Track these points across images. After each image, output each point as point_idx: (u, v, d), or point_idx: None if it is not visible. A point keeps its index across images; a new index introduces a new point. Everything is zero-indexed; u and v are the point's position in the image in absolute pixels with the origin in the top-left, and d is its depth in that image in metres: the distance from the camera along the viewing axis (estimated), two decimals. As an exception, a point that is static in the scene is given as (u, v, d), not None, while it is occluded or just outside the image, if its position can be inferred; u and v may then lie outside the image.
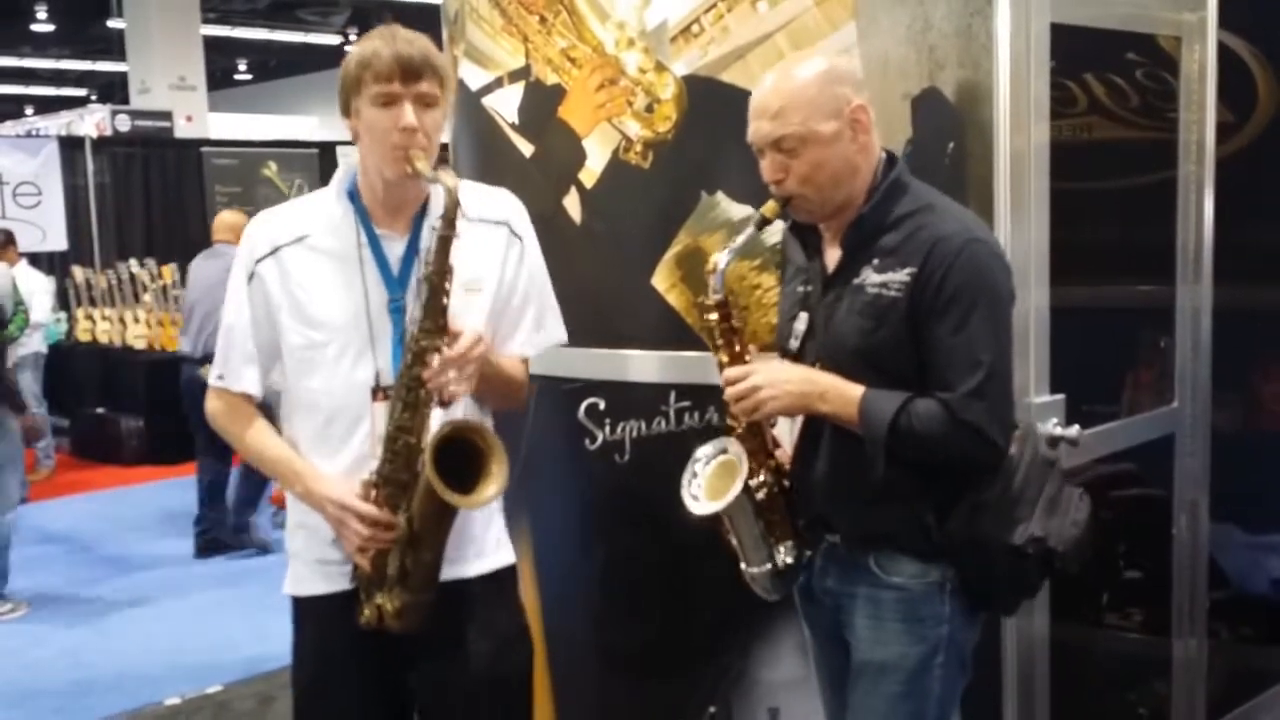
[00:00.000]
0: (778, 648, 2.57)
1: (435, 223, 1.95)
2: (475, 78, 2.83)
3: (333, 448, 2.05)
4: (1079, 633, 3.08)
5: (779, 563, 2.07)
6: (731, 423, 2.07)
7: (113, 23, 15.04)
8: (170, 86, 13.67)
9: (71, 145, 11.95)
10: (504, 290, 2.11)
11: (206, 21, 14.85)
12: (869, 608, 2.04)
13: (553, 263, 2.22)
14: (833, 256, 2.04)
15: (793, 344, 2.07)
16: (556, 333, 2.22)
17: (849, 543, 2.06)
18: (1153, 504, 3.03)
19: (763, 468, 2.06)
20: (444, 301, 1.94)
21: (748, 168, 2.09)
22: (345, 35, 16.85)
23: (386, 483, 1.98)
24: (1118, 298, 3.07)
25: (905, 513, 1.97)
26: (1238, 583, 3.53)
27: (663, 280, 2.57)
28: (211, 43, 15.40)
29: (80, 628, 5.33)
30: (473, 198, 2.11)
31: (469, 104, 2.85)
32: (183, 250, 11.15)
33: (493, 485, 1.97)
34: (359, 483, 2.00)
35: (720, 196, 2.50)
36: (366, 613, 2.02)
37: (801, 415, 2.06)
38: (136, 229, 12.16)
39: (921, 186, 2.03)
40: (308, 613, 2.14)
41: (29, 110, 21.16)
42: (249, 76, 22.40)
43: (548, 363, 2.28)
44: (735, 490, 2.00)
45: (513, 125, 2.77)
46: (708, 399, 2.47)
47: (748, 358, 2.05)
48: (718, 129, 2.48)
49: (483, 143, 2.85)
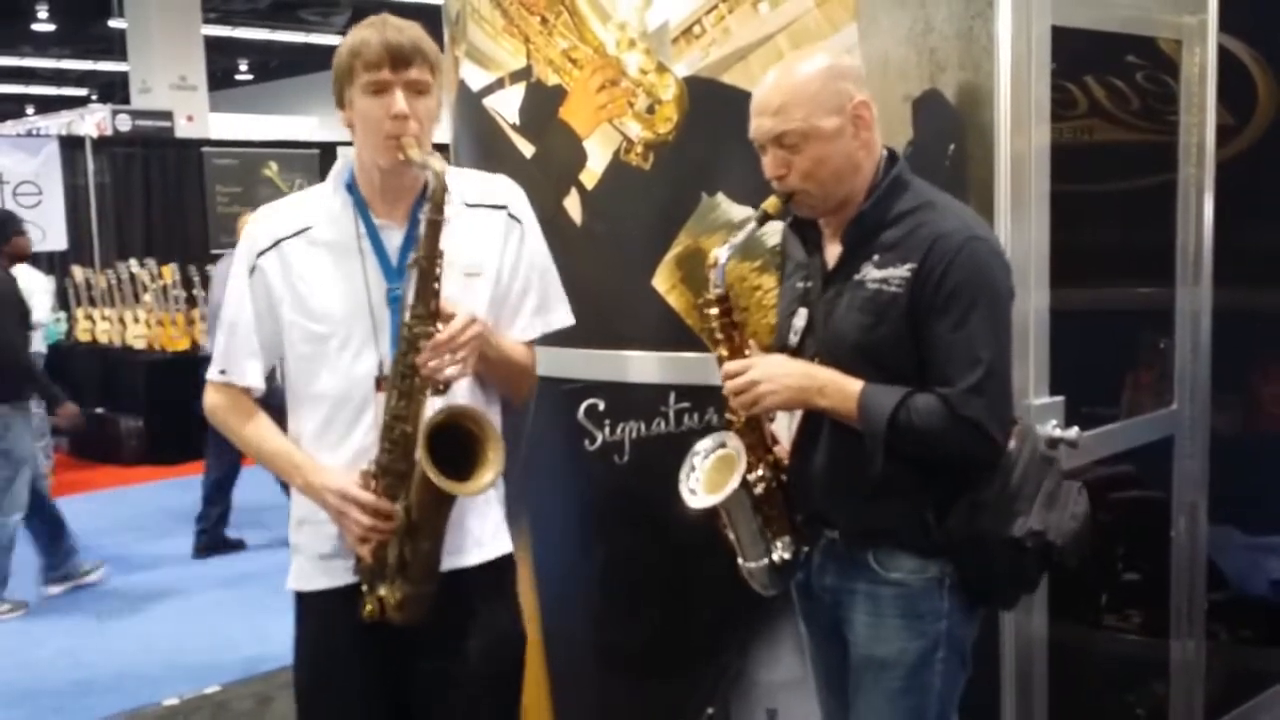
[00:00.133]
0: (776, 649, 2.58)
1: (425, 207, 1.95)
2: (476, 78, 2.83)
3: (338, 439, 2.05)
4: (1078, 634, 3.09)
5: (776, 558, 2.07)
6: (730, 417, 2.07)
7: (113, 22, 15.04)
8: (171, 86, 13.68)
9: (72, 145, 11.96)
10: (504, 274, 2.11)
11: (207, 21, 14.85)
12: (868, 604, 2.04)
13: (553, 261, 2.21)
14: (833, 252, 2.04)
15: (792, 339, 2.07)
16: (562, 316, 2.20)
17: (848, 539, 2.06)
18: (1152, 506, 3.03)
19: (761, 462, 2.06)
20: (435, 287, 1.93)
21: (748, 169, 2.09)
22: (346, 35, 16.85)
23: (385, 472, 1.98)
24: (1117, 300, 3.07)
25: (904, 508, 1.97)
26: (1236, 584, 3.54)
27: (663, 281, 2.57)
28: (212, 43, 15.41)
29: (79, 628, 5.33)
30: (470, 183, 2.11)
31: (470, 105, 2.85)
32: (183, 250, 11.21)
33: (489, 471, 1.96)
34: (359, 473, 2.00)
35: (721, 198, 2.50)
36: (369, 606, 2.02)
37: (800, 410, 2.07)
38: (136, 229, 12.16)
39: (922, 184, 2.03)
40: (310, 608, 2.14)
41: (29, 110, 21.18)
42: (250, 76, 22.41)
43: (547, 363, 2.28)
44: (733, 484, 2.00)
45: (514, 126, 2.77)
46: (707, 400, 2.48)
47: (747, 352, 2.05)
48: (719, 130, 2.49)
49: (484, 143, 2.85)
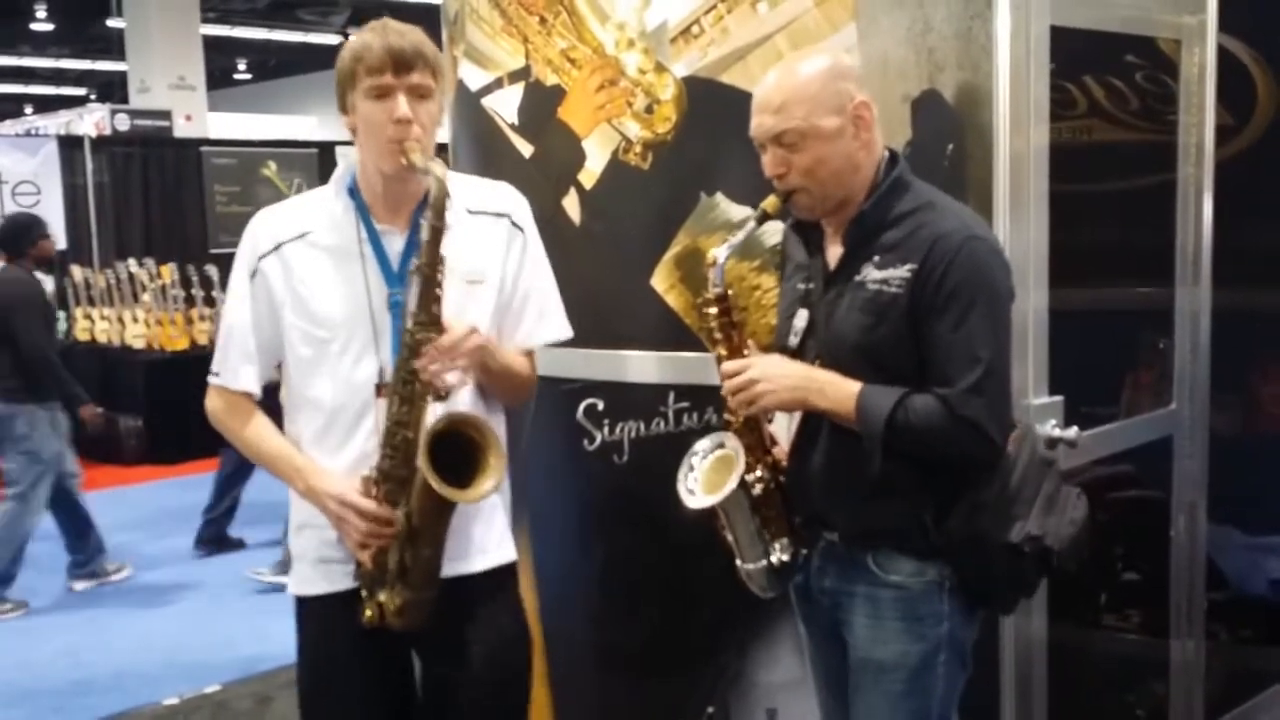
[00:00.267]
0: (776, 649, 2.58)
1: (426, 214, 1.95)
2: (475, 78, 2.83)
3: (338, 444, 2.05)
4: (1077, 634, 3.08)
5: (774, 560, 2.07)
6: (729, 417, 2.07)
7: (112, 22, 15.04)
8: (170, 86, 13.66)
9: (70, 144, 11.94)
10: (507, 283, 2.11)
11: (206, 21, 14.85)
12: (868, 606, 2.04)
13: (552, 263, 2.21)
14: (834, 253, 2.04)
15: (792, 341, 2.07)
16: (560, 327, 2.20)
17: (847, 540, 2.06)
18: (1151, 505, 3.03)
19: (759, 463, 2.06)
20: (436, 293, 1.93)
21: (747, 169, 2.09)
22: (345, 35, 16.84)
23: (386, 478, 1.98)
24: (1117, 300, 3.06)
25: (903, 510, 1.97)
26: (1236, 584, 3.54)
27: (662, 281, 2.57)
28: (211, 42, 15.40)
29: (79, 627, 5.33)
30: (473, 191, 2.11)
31: (469, 104, 2.85)
32: (182, 250, 11.18)
33: (489, 479, 1.96)
34: (359, 479, 2.00)
35: (720, 197, 2.50)
36: (369, 611, 2.02)
37: (799, 411, 2.06)
38: (135, 228, 12.14)
39: (923, 185, 2.03)
40: (311, 612, 2.14)
41: (28, 109, 21.18)
42: (248, 76, 22.41)
43: (547, 363, 2.28)
44: (731, 484, 1.99)
45: (512, 126, 2.77)
46: (706, 400, 2.47)
47: (746, 352, 2.05)
48: (717, 130, 2.49)
49: (482, 143, 2.84)
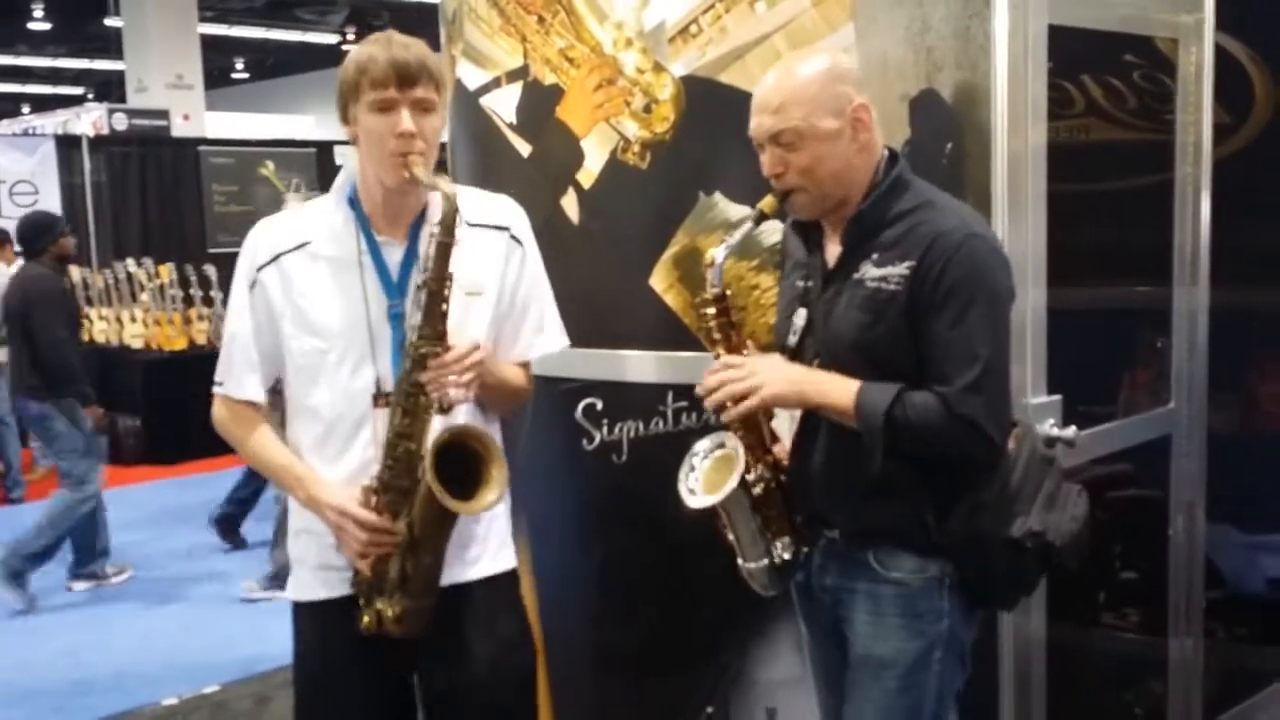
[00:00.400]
0: (775, 647, 2.58)
1: (433, 229, 1.95)
2: (473, 77, 2.83)
3: (335, 454, 2.06)
4: (1076, 633, 3.09)
5: (776, 558, 2.07)
6: (725, 417, 2.06)
7: (110, 21, 15.03)
8: (167, 85, 13.66)
9: (68, 144, 11.93)
10: (505, 295, 2.12)
11: (204, 20, 14.85)
12: (868, 603, 2.04)
13: (550, 263, 2.22)
14: (833, 252, 2.04)
15: (791, 339, 2.07)
16: (557, 338, 2.22)
17: (847, 538, 2.06)
18: (1149, 505, 3.03)
19: (760, 462, 2.06)
20: (443, 308, 1.94)
21: (746, 168, 2.09)
22: (343, 34, 16.86)
23: (387, 489, 1.98)
24: (1115, 299, 3.07)
25: (903, 508, 1.97)
26: (1234, 582, 3.54)
27: (660, 280, 2.57)
28: (209, 41, 15.41)
29: (78, 627, 5.33)
30: (473, 203, 2.11)
31: (467, 104, 2.85)
32: (180, 249, 11.18)
33: (492, 491, 1.97)
34: (360, 489, 2.00)
35: (718, 197, 2.50)
36: (366, 618, 2.02)
37: (799, 409, 2.07)
38: (133, 228, 12.14)
39: (923, 184, 2.03)
40: (309, 618, 2.14)
41: (25, 109, 21.18)
42: (246, 75, 22.41)
43: (545, 363, 2.28)
44: (731, 484, 2.00)
45: (510, 125, 2.77)
46: (705, 399, 2.48)
47: (745, 352, 2.05)
48: (716, 129, 2.49)
49: (480, 143, 2.85)
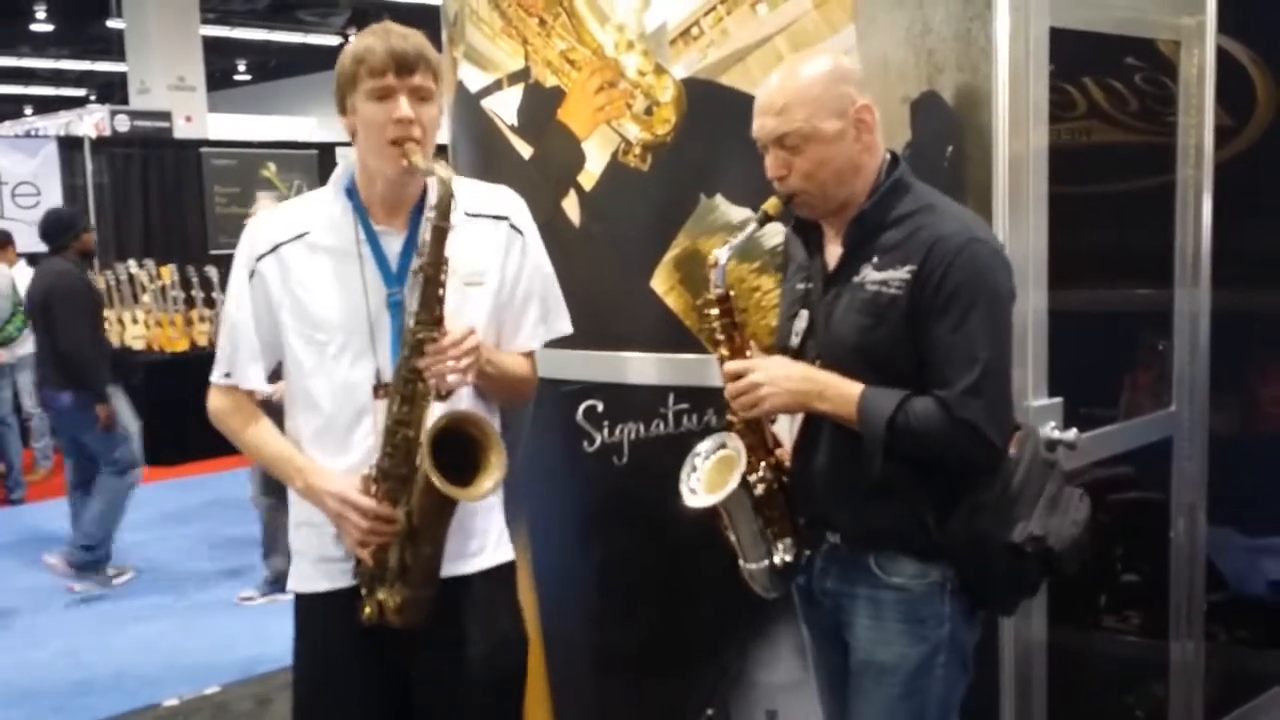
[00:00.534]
0: (776, 650, 2.58)
1: (429, 214, 1.95)
2: (475, 80, 2.83)
3: (336, 445, 2.05)
4: (1077, 635, 3.08)
5: (777, 560, 2.07)
6: (731, 418, 2.07)
7: (112, 23, 15.04)
8: (169, 87, 13.67)
9: (70, 145, 11.94)
10: (507, 285, 2.11)
11: (206, 22, 14.85)
12: (870, 608, 2.04)
13: (552, 265, 2.21)
14: (834, 254, 2.04)
15: (793, 342, 2.07)
16: (563, 324, 2.21)
17: (849, 542, 2.06)
18: (1150, 507, 3.03)
19: (762, 463, 2.06)
20: (439, 293, 1.94)
21: (747, 170, 2.09)
22: (345, 36, 16.85)
23: (386, 477, 1.98)
24: (1116, 301, 3.07)
25: (904, 510, 1.97)
26: (1235, 585, 3.54)
27: (661, 283, 2.57)
28: (211, 43, 15.40)
29: (78, 627, 5.33)
30: (472, 194, 2.11)
31: (468, 106, 2.85)
32: (182, 251, 11.18)
33: (491, 477, 1.96)
34: (359, 477, 2.00)
35: (719, 199, 2.50)
36: (368, 609, 2.02)
37: (801, 413, 2.07)
38: (135, 230, 12.13)
39: (924, 187, 2.03)
40: (310, 610, 2.14)
41: (28, 110, 21.18)
42: (248, 77, 22.42)
43: (546, 365, 2.28)
44: (732, 484, 2.00)
45: (512, 127, 2.77)
46: (706, 401, 2.48)
47: (748, 353, 2.05)
48: (717, 132, 2.49)
49: (482, 144, 2.85)
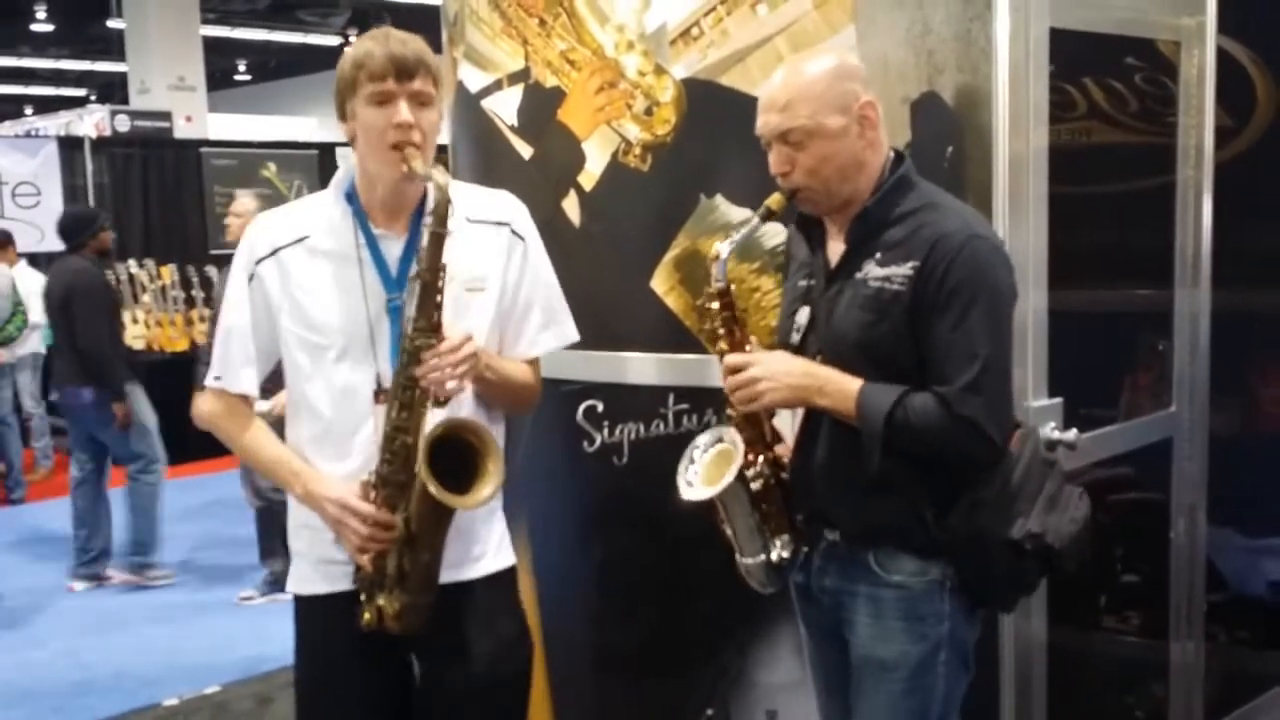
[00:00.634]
0: (776, 650, 2.58)
1: (426, 219, 1.95)
2: (475, 80, 2.83)
3: (336, 450, 2.05)
4: (1077, 635, 3.09)
5: (774, 556, 2.07)
6: (730, 412, 2.07)
7: (112, 23, 15.03)
8: (169, 87, 13.66)
9: (70, 145, 11.92)
10: (508, 291, 2.11)
11: (206, 22, 14.84)
12: (869, 606, 2.04)
13: (551, 265, 2.21)
14: (836, 250, 2.04)
15: (794, 337, 2.08)
16: (567, 332, 2.20)
17: (848, 538, 2.06)
18: (1150, 507, 3.03)
19: (760, 458, 2.06)
20: (437, 299, 1.93)
21: (747, 170, 2.09)
22: (345, 36, 16.83)
23: (385, 483, 1.98)
24: (1116, 301, 3.07)
25: (903, 506, 1.97)
26: (1235, 586, 3.54)
27: (661, 283, 2.57)
28: (211, 43, 15.40)
29: (78, 627, 5.33)
30: (473, 199, 2.11)
31: (468, 106, 2.85)
32: (182, 251, 11.16)
33: (488, 485, 1.96)
34: (358, 483, 2.00)
35: (719, 199, 2.50)
36: (367, 615, 2.02)
37: (800, 408, 2.07)
38: (135, 229, 12.10)
39: (927, 185, 2.04)
40: (310, 612, 2.14)
41: (28, 110, 21.16)
42: (248, 77, 22.40)
43: (547, 365, 2.28)
44: (729, 476, 2.00)
45: (512, 128, 2.77)
46: (706, 401, 2.48)
47: (748, 348, 2.05)
48: (717, 132, 2.49)
49: (482, 145, 2.85)
